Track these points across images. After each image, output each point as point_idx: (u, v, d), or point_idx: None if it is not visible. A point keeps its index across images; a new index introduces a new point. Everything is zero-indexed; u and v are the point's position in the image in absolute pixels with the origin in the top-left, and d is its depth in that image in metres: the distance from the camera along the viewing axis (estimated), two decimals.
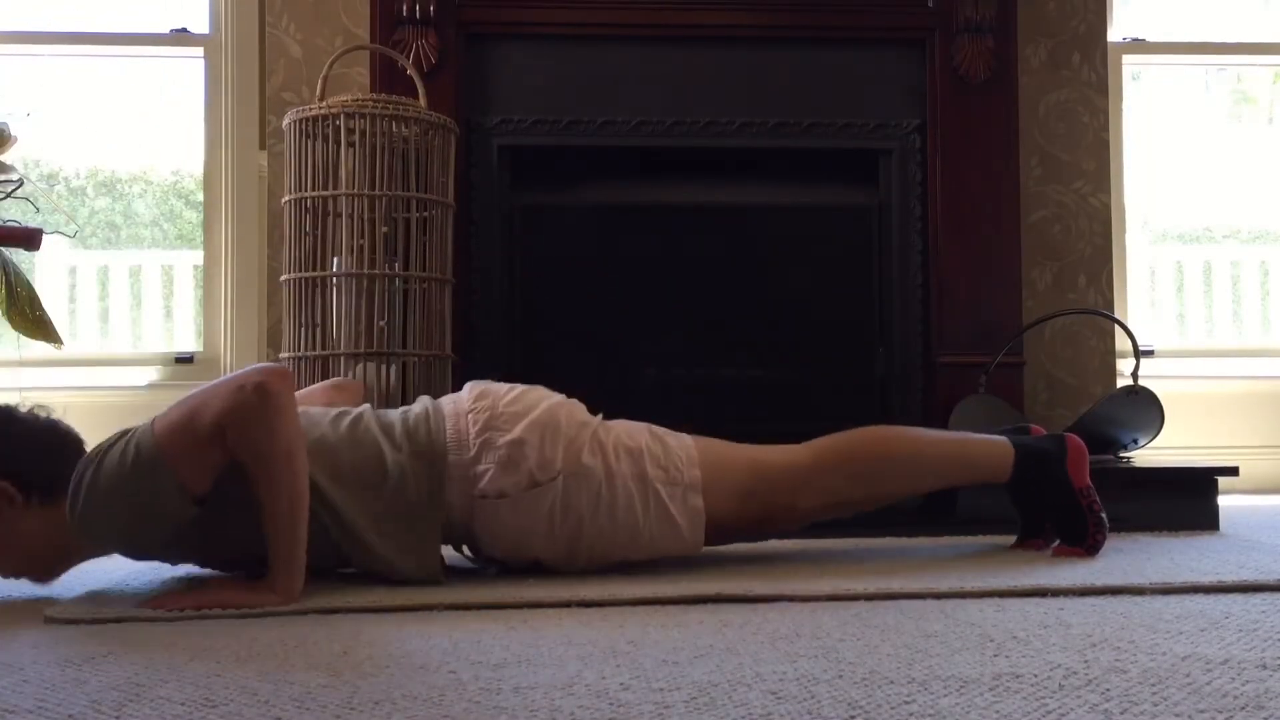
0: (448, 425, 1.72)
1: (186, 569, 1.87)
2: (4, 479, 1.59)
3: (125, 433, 1.59)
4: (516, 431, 1.70)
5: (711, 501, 1.77)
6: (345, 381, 2.14)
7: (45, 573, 1.68)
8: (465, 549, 1.84)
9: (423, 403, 1.80)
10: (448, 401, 1.79)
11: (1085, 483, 1.90)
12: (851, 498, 1.89)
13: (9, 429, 1.64)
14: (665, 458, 1.77)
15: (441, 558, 1.72)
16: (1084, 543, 1.89)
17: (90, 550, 1.66)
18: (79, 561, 1.70)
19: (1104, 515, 1.90)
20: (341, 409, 1.78)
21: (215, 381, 1.59)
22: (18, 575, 1.67)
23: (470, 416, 1.73)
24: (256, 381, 1.53)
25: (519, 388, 1.80)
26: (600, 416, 1.83)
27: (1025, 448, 1.92)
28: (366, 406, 1.80)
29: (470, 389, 1.80)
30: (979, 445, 1.94)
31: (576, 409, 1.81)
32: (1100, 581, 1.62)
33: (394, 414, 1.77)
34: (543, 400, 1.78)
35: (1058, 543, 1.94)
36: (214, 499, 1.57)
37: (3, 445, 1.63)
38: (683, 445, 1.80)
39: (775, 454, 1.85)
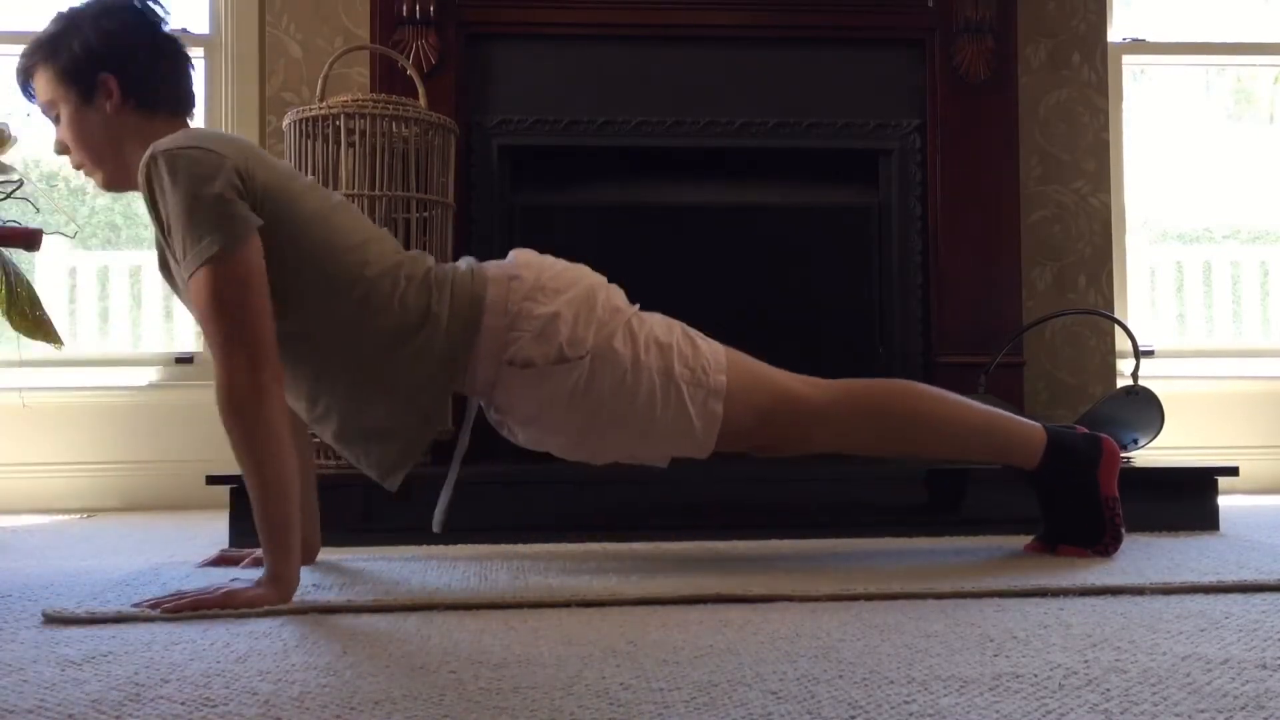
0: (490, 289, 1.72)
1: (186, 569, 1.87)
2: (111, 74, 1.67)
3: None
4: (554, 305, 1.71)
5: (730, 413, 1.76)
6: None
7: (111, 179, 1.74)
8: (439, 518, 1.85)
9: (468, 262, 1.81)
10: (492, 266, 1.79)
11: (1113, 492, 1.88)
12: (868, 444, 1.88)
13: (131, 22, 1.71)
14: (694, 358, 1.77)
15: (445, 421, 1.75)
16: (1093, 547, 1.88)
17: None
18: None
19: (1123, 530, 1.89)
20: (413, 252, 1.79)
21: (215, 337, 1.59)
22: (88, 172, 1.75)
23: (512, 283, 1.73)
24: (249, 378, 1.55)
25: (563, 263, 1.81)
26: (638, 306, 1.83)
27: (1060, 440, 1.90)
28: (429, 255, 1.80)
29: (516, 255, 1.81)
30: (1012, 425, 1.91)
31: (615, 294, 1.82)
32: (1100, 581, 1.62)
33: (447, 268, 1.78)
34: (584, 279, 1.79)
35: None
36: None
37: (122, 38, 1.69)
38: (713, 350, 1.80)
39: (803, 385, 1.85)
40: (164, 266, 1.75)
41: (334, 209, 1.72)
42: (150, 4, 1.74)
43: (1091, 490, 1.88)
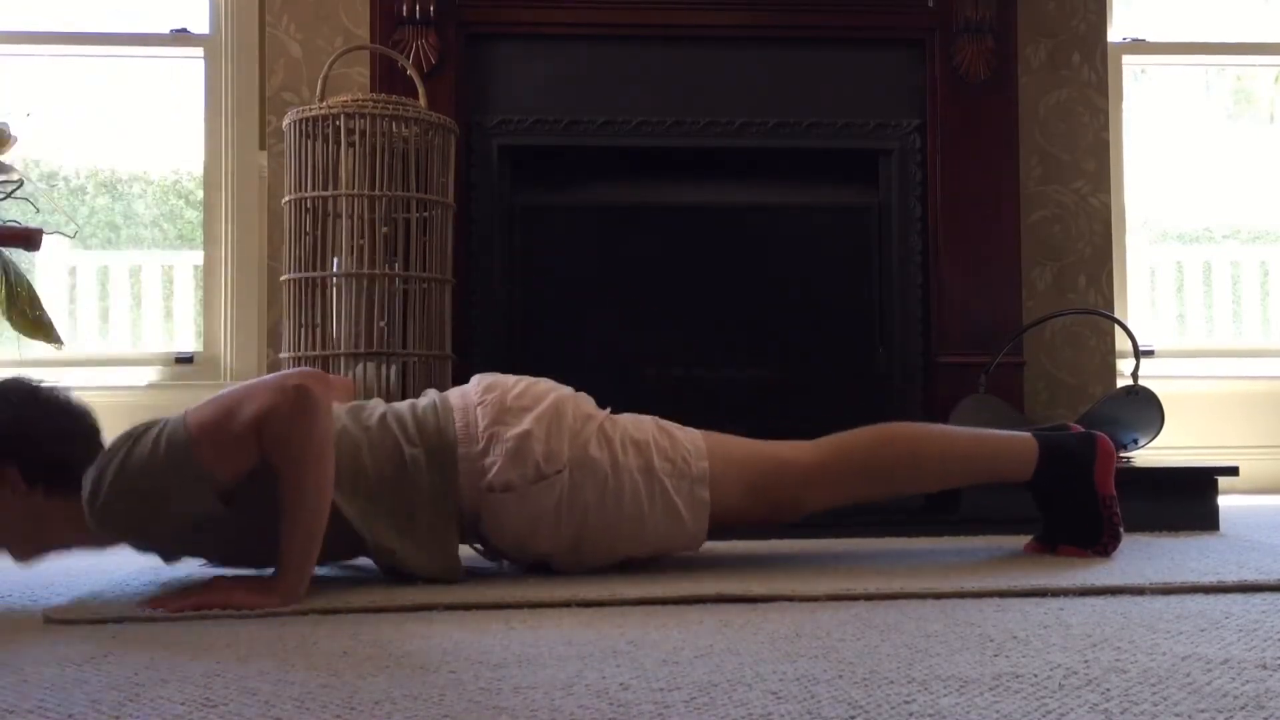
0: (456, 418, 1.73)
1: (187, 569, 1.87)
2: (12, 464, 1.58)
3: (152, 424, 1.58)
4: (524, 424, 1.71)
5: (718, 495, 1.77)
6: (337, 379, 2.14)
7: (24, 555, 1.65)
8: (477, 547, 1.84)
9: (430, 395, 1.81)
10: (455, 394, 1.79)
11: (1110, 491, 1.88)
12: (862, 495, 1.89)
13: (26, 411, 1.62)
14: (672, 450, 1.77)
15: (458, 555, 1.73)
16: (1093, 546, 1.88)
17: (85, 540, 1.65)
18: (67, 550, 1.68)
19: (1121, 528, 1.89)
20: (357, 403, 1.78)
21: (254, 380, 1.59)
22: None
23: (479, 410, 1.73)
24: (297, 383, 1.54)
25: (526, 380, 1.81)
26: (608, 410, 1.83)
27: (1051, 446, 1.90)
28: (380, 400, 1.80)
29: (478, 381, 1.81)
30: (1001, 445, 1.91)
31: (584, 401, 1.81)
32: (1100, 581, 1.62)
33: (404, 406, 1.77)
34: (550, 392, 1.78)
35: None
36: (236, 499, 1.57)
37: (15, 427, 1.60)
38: (690, 438, 1.80)
39: (785, 450, 1.84)
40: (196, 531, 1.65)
41: None
42: (39, 385, 1.65)
43: (1088, 490, 1.88)
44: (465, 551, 1.81)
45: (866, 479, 1.86)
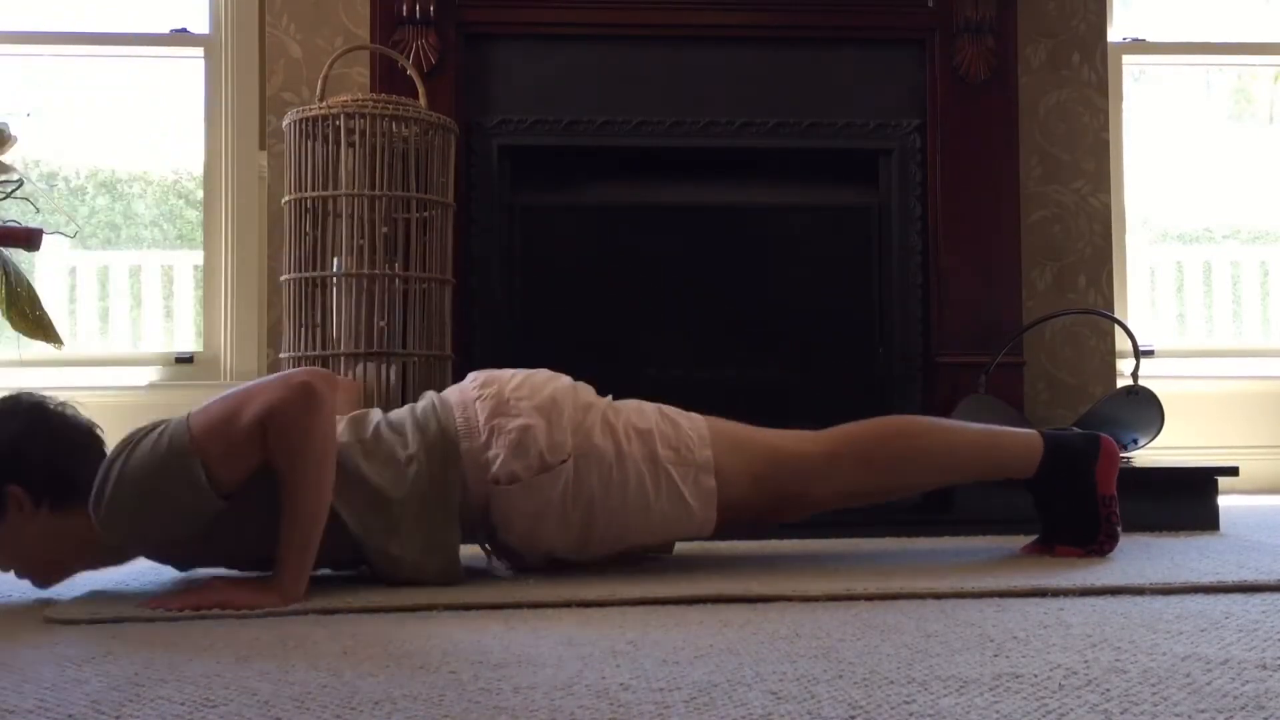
0: (456, 414, 1.73)
1: (190, 570, 1.87)
2: (17, 484, 1.58)
3: (155, 425, 1.58)
4: (525, 415, 1.71)
5: (723, 483, 1.76)
6: (343, 381, 2.14)
7: (45, 578, 1.68)
8: (485, 546, 1.84)
9: (427, 397, 1.81)
10: (453, 392, 1.79)
11: (1110, 491, 1.88)
12: (868, 489, 1.88)
13: (27, 429, 1.62)
14: (676, 438, 1.76)
15: (459, 558, 1.72)
16: (1088, 546, 1.88)
17: (101, 556, 1.66)
18: (85, 568, 1.69)
19: (1119, 529, 1.89)
20: (357, 413, 1.78)
21: (257, 381, 1.59)
22: (18, 575, 1.68)
23: (478, 404, 1.73)
24: (302, 381, 1.54)
25: (523, 372, 1.81)
26: (610, 398, 1.83)
27: (1056, 443, 1.90)
28: (377, 410, 1.80)
29: (474, 377, 1.81)
30: (1008, 440, 1.91)
31: (583, 391, 1.81)
32: (1100, 581, 1.62)
33: (402, 412, 1.77)
34: (549, 383, 1.78)
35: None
36: (238, 498, 1.57)
37: (21, 447, 1.61)
38: (694, 426, 1.79)
39: (791, 440, 1.84)
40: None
41: None
42: (42, 403, 1.66)
43: (1088, 489, 1.88)
44: (461, 552, 1.81)
45: (872, 471, 1.85)
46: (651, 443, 1.75)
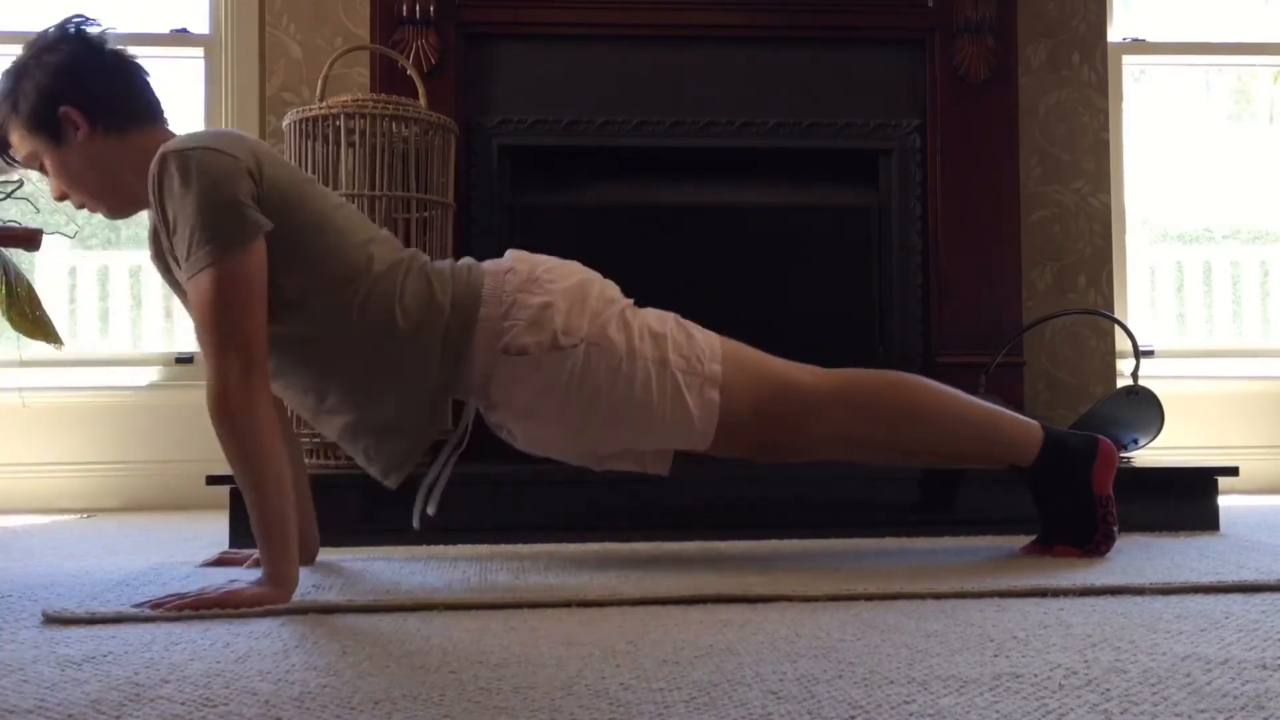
0: (486, 281, 1.75)
1: (187, 570, 1.87)
2: (70, 105, 1.64)
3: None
4: (548, 295, 1.73)
5: (727, 401, 1.77)
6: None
7: (114, 206, 1.74)
8: (422, 512, 1.84)
9: (466, 261, 1.83)
10: (489, 262, 1.81)
11: (1106, 491, 1.88)
12: (865, 438, 1.86)
13: (83, 52, 1.68)
14: (689, 347, 1.78)
15: (446, 419, 1.77)
16: (1085, 546, 1.88)
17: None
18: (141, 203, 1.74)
19: (1116, 529, 1.89)
20: (397, 256, 1.77)
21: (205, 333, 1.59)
22: (90, 209, 1.74)
23: (508, 276, 1.75)
24: (239, 381, 1.55)
25: (557, 259, 1.83)
26: (632, 300, 1.84)
27: (1056, 437, 1.90)
28: (418, 251, 1.81)
29: (511, 254, 1.83)
30: (1008, 420, 1.91)
31: (609, 287, 1.83)
32: (1100, 581, 1.62)
33: (444, 264, 1.80)
34: (578, 273, 1.81)
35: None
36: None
37: (73, 69, 1.66)
38: (708, 340, 1.81)
39: (799, 372, 1.85)
40: (158, 257, 1.75)
41: (337, 208, 1.74)
42: (86, 27, 1.72)
43: (1084, 488, 1.88)
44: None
45: (869, 419, 1.85)
46: (664, 346, 1.76)
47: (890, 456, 1.92)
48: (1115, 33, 3.49)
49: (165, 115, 1.77)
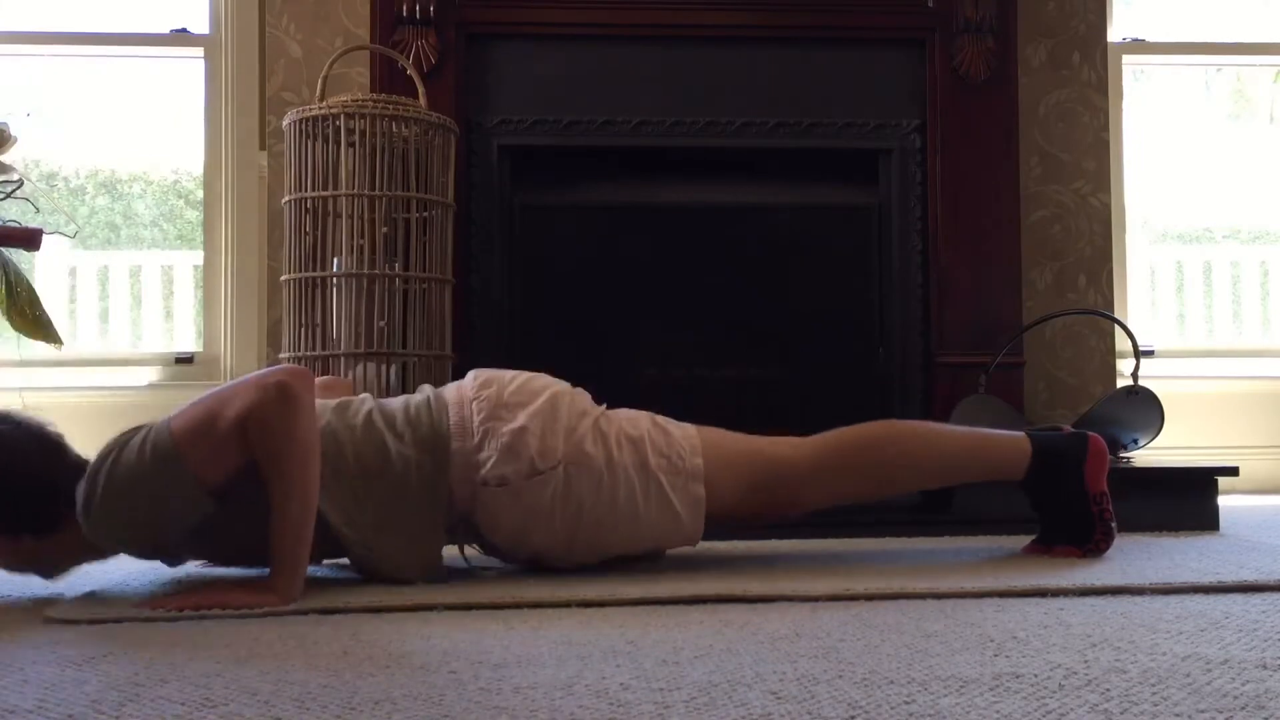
0: (451, 413, 1.73)
1: (186, 570, 1.87)
2: None
3: (137, 429, 1.58)
4: (520, 420, 1.71)
5: (714, 491, 1.77)
6: (335, 380, 2.14)
7: (46, 576, 1.69)
8: (464, 550, 1.84)
9: (424, 391, 1.81)
10: (451, 389, 1.79)
11: (1101, 488, 1.88)
12: (858, 493, 1.89)
13: None
14: (668, 446, 1.77)
15: (441, 556, 1.72)
16: (1085, 546, 1.89)
17: (93, 554, 1.66)
18: (83, 563, 1.70)
19: (1114, 524, 1.89)
20: (344, 399, 1.78)
21: (235, 381, 1.59)
22: (21, 573, 1.69)
23: (474, 405, 1.74)
24: (279, 380, 1.54)
25: (523, 375, 1.81)
26: (604, 406, 1.83)
27: (1044, 446, 1.91)
28: (368, 396, 1.80)
29: (474, 376, 1.81)
30: (995, 442, 1.92)
31: (580, 398, 1.81)
32: (1100, 581, 1.62)
33: (396, 403, 1.77)
34: (546, 389, 1.78)
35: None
36: (227, 496, 1.57)
37: None
38: (686, 435, 1.80)
39: (782, 447, 1.85)
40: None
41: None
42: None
43: (1078, 488, 1.88)
44: (450, 556, 1.82)
45: (863, 477, 1.86)
46: (643, 450, 1.75)
47: (887, 495, 1.95)
48: (1115, 33, 3.49)
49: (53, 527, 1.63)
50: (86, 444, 1.66)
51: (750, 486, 1.80)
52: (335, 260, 2.42)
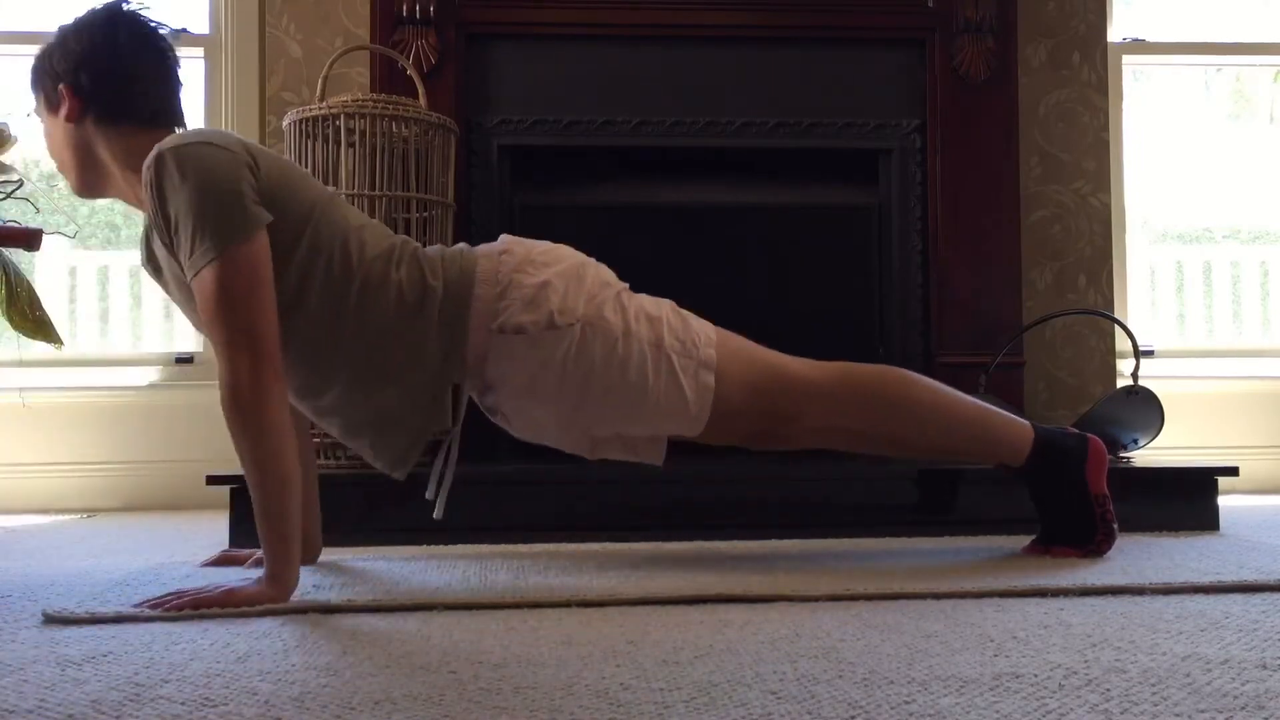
0: (480, 263, 1.75)
1: (187, 570, 1.87)
2: (67, 86, 1.68)
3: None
4: (545, 275, 1.74)
5: (721, 386, 1.77)
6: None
7: (79, 186, 1.77)
8: (436, 494, 1.84)
9: (459, 246, 1.83)
10: (482, 247, 1.82)
11: (1102, 489, 1.88)
12: (857, 429, 1.87)
13: (105, 41, 1.69)
14: (684, 331, 1.79)
15: (447, 413, 1.75)
16: (1086, 547, 1.88)
17: (131, 192, 1.72)
18: (118, 196, 1.76)
19: (1115, 525, 1.89)
20: (389, 238, 1.78)
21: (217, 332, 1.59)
22: (62, 173, 1.78)
23: (503, 257, 1.76)
24: (250, 382, 1.54)
25: (551, 244, 1.84)
26: (627, 285, 1.84)
27: (1047, 438, 1.90)
28: (408, 238, 1.81)
29: (505, 238, 1.83)
30: (1001, 420, 1.91)
31: (605, 271, 1.84)
32: (1100, 581, 1.62)
33: (433, 249, 1.80)
34: (574, 255, 1.82)
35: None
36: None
37: (87, 56, 1.69)
38: (703, 328, 1.82)
39: (794, 362, 1.86)
40: (149, 261, 1.76)
41: (330, 199, 1.74)
42: (135, 18, 1.73)
43: (1080, 488, 1.88)
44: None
45: (866, 410, 1.86)
46: (660, 329, 1.77)
47: (881, 448, 1.92)
48: (1115, 33, 3.49)
49: (175, 121, 1.76)
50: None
51: (756, 390, 1.80)
52: None
